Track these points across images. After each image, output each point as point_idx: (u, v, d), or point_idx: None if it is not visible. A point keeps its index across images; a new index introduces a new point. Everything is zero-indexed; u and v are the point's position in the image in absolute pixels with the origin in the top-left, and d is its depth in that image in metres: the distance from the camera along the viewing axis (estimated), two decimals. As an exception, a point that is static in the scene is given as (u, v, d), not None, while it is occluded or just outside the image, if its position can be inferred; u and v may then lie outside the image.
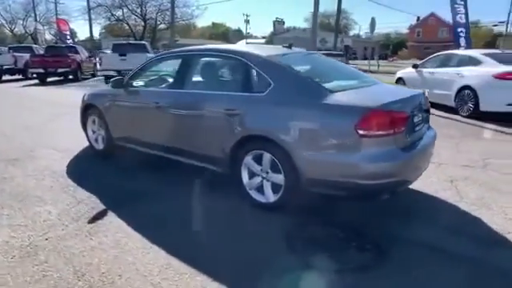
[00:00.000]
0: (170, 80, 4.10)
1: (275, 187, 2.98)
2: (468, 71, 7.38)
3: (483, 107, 6.93)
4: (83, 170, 4.15)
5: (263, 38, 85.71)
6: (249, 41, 58.05)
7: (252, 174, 3.13)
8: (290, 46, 3.70)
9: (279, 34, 63.03)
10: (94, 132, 4.72)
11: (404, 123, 2.66)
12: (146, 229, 2.71)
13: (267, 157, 2.95)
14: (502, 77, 6.64)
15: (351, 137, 2.54)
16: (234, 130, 3.08)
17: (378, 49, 46.83)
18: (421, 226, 2.81)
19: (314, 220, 2.92)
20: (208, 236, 2.69)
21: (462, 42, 11.66)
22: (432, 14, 59.64)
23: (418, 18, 58.71)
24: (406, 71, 9.95)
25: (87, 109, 4.67)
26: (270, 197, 3.01)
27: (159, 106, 3.65)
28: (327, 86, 2.93)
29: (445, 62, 8.43)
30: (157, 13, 43.48)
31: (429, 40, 55.39)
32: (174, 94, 3.70)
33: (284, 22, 65.44)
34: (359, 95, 2.91)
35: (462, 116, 7.33)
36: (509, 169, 4.20)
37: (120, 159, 4.44)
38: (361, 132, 2.51)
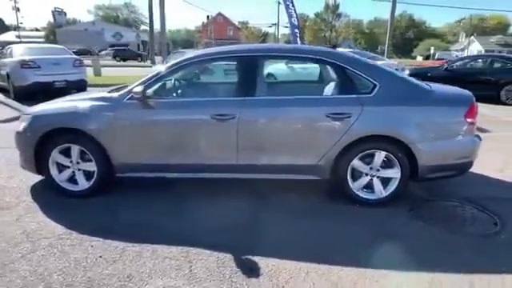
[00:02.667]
0: (217, 86, 3.35)
1: (386, 182, 3.14)
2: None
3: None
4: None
5: (37, 30, 71.91)
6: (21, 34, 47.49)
7: (358, 175, 3.15)
8: (334, 47, 3.76)
9: (61, 26, 54.60)
10: (63, 169, 3.27)
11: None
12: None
13: (381, 155, 3.06)
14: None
15: (462, 124, 3.05)
16: (344, 132, 2.99)
17: (171, 46, 47.51)
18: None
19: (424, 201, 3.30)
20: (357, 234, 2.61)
21: (299, 41, 14.08)
22: (220, 14, 65.92)
23: (208, 16, 63.80)
24: None
25: (51, 137, 3.16)
26: (382, 192, 3.15)
27: (227, 119, 3.00)
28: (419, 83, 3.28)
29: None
30: None
31: (219, 37, 61.31)
32: (252, 102, 3.07)
33: (66, 13, 56.86)
34: (451, 89, 3.41)
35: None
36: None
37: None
38: (468, 120, 3.06)
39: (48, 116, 3.29)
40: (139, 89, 3.03)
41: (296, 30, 13.84)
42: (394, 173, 3.10)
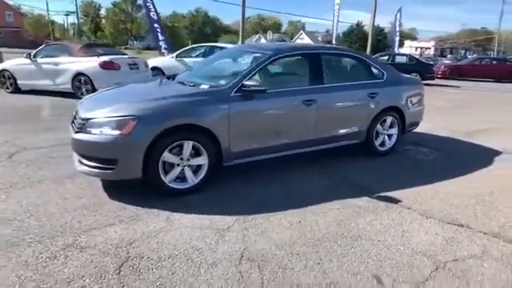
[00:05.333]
0: (297, 77, 3.99)
1: (390, 137, 4.71)
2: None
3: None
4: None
5: None
6: None
7: (377, 136, 4.58)
8: (330, 42, 4.92)
9: None
10: (169, 168, 3.21)
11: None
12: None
13: (390, 119, 4.59)
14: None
15: (421, 97, 4.93)
16: (374, 106, 4.34)
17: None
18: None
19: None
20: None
21: (160, 36, 13.83)
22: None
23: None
24: (162, 60, 11.03)
25: (163, 136, 3.06)
26: (389, 144, 4.70)
27: (311, 103, 3.78)
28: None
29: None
30: None
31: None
32: (321, 89, 3.90)
33: None
34: (407, 75, 5.20)
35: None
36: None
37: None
38: (422, 94, 4.97)
39: (162, 115, 3.10)
40: (250, 82, 3.39)
41: (156, 26, 13.68)
42: (395, 130, 4.71)
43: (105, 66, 8.08)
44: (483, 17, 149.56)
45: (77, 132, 3.17)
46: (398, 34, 21.46)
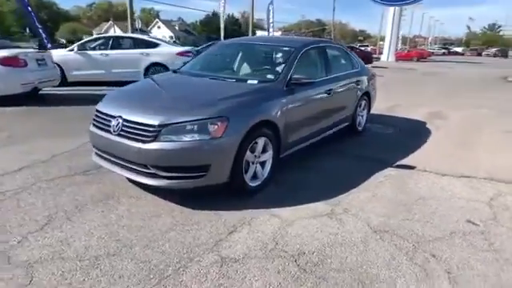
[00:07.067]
0: (316, 68, 4.24)
1: (362, 117, 5.58)
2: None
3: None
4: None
5: None
6: None
7: (357, 117, 5.37)
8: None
9: None
10: (248, 166, 3.19)
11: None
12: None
13: (363, 102, 5.44)
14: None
15: (375, 81, 5.93)
16: (358, 92, 5.09)
17: None
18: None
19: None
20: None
21: (37, 23, 11.23)
22: None
23: None
24: (61, 54, 9.22)
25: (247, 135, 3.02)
26: (362, 125, 5.57)
27: (330, 92, 4.22)
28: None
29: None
30: None
31: None
32: (333, 79, 4.32)
33: None
34: None
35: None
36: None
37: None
38: (375, 77, 5.99)
39: (247, 113, 3.00)
40: (297, 75, 3.59)
41: (29, 9, 11.26)
42: (366, 111, 5.62)
43: (6, 62, 6.45)
44: (318, 10, 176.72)
45: (148, 141, 2.77)
46: (272, 25, 23.34)
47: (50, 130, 5.29)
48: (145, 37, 10.23)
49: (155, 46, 9.63)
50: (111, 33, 62.02)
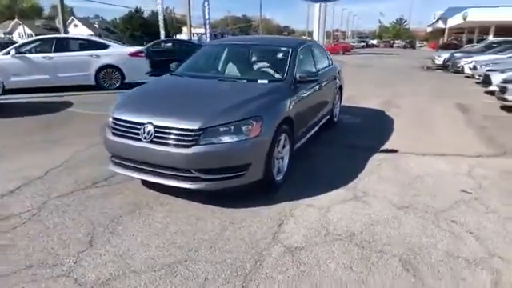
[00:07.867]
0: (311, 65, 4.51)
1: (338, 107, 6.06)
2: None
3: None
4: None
5: None
6: None
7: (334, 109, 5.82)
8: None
9: None
10: (274, 161, 3.36)
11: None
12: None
13: (338, 95, 5.89)
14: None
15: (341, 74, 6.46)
16: (337, 85, 5.54)
17: None
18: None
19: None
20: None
21: None
22: None
23: None
24: None
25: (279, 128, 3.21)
26: (337, 116, 6.04)
27: (320, 87, 4.57)
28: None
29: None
30: None
31: None
32: (321, 75, 4.62)
33: None
34: None
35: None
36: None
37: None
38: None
39: (275, 111, 3.16)
40: (302, 74, 3.85)
41: None
42: (339, 105, 6.09)
43: None
44: (240, 5, 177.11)
45: (189, 146, 2.78)
46: (208, 22, 23.17)
47: (19, 144, 4.78)
48: (94, 37, 9.55)
49: (105, 47, 9.09)
50: (19, 32, 55.91)
